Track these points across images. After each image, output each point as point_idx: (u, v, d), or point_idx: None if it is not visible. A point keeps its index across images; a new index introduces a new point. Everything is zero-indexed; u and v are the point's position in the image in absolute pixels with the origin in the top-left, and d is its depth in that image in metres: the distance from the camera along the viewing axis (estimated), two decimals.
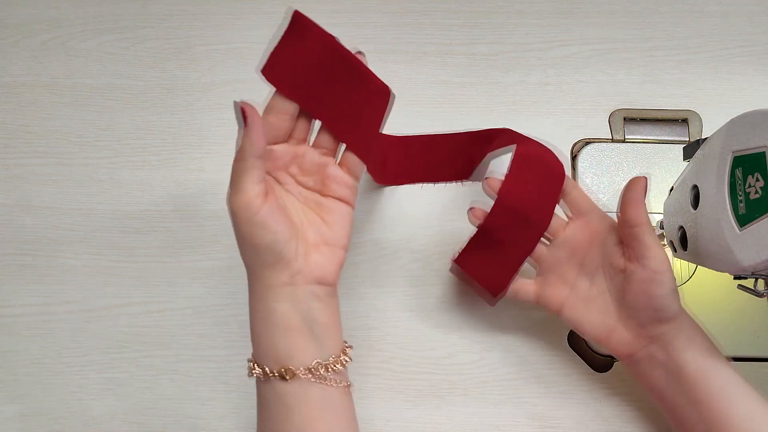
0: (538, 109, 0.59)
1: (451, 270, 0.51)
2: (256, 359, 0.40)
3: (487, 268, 0.47)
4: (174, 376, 0.54)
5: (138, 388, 0.54)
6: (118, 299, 0.56)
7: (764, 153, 0.35)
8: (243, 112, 0.35)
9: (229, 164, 0.57)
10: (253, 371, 0.39)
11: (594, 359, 0.53)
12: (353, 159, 0.42)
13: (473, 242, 0.47)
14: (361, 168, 0.42)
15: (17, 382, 0.54)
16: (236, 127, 0.40)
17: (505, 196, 0.45)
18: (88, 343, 0.55)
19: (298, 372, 0.38)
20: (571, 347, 0.54)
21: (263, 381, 0.39)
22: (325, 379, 0.39)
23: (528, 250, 0.46)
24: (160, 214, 0.57)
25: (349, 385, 0.41)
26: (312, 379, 0.38)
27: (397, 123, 0.59)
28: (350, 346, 0.42)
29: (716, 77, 0.60)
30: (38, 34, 0.62)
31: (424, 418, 0.52)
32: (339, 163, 0.42)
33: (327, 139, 0.42)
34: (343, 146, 0.42)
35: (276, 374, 0.38)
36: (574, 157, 0.58)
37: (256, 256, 0.37)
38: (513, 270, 0.46)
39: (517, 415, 0.52)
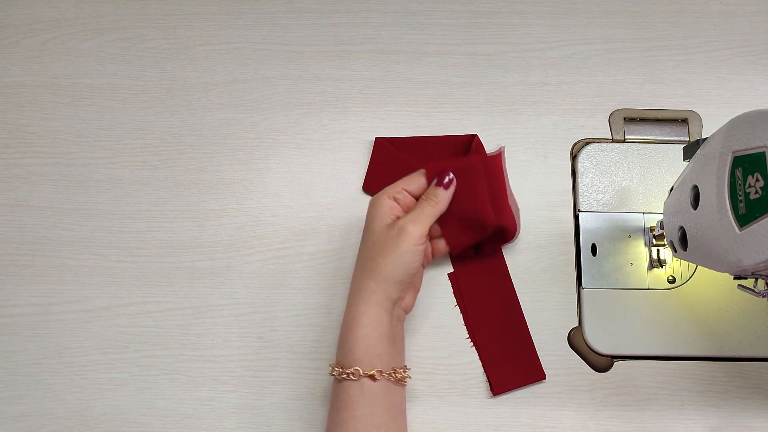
0: (538, 109, 0.59)
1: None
2: (342, 362, 0.46)
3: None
4: (174, 376, 0.54)
5: (138, 388, 0.54)
6: (117, 299, 0.56)
7: (764, 153, 0.35)
8: (450, 182, 0.50)
9: (228, 164, 0.58)
10: (344, 372, 0.45)
11: (594, 359, 0.53)
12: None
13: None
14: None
15: (17, 382, 0.54)
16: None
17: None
18: (88, 343, 0.55)
19: (383, 373, 0.45)
20: (571, 347, 0.54)
21: (353, 380, 0.45)
22: (399, 382, 0.46)
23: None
24: (160, 214, 0.57)
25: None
26: (392, 380, 0.46)
27: (397, 123, 0.59)
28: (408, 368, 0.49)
29: (716, 77, 0.60)
30: (38, 34, 0.62)
31: (424, 417, 0.52)
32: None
33: None
34: None
35: (366, 375, 0.45)
36: (574, 157, 0.58)
37: (397, 270, 0.46)
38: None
39: (517, 415, 0.52)
